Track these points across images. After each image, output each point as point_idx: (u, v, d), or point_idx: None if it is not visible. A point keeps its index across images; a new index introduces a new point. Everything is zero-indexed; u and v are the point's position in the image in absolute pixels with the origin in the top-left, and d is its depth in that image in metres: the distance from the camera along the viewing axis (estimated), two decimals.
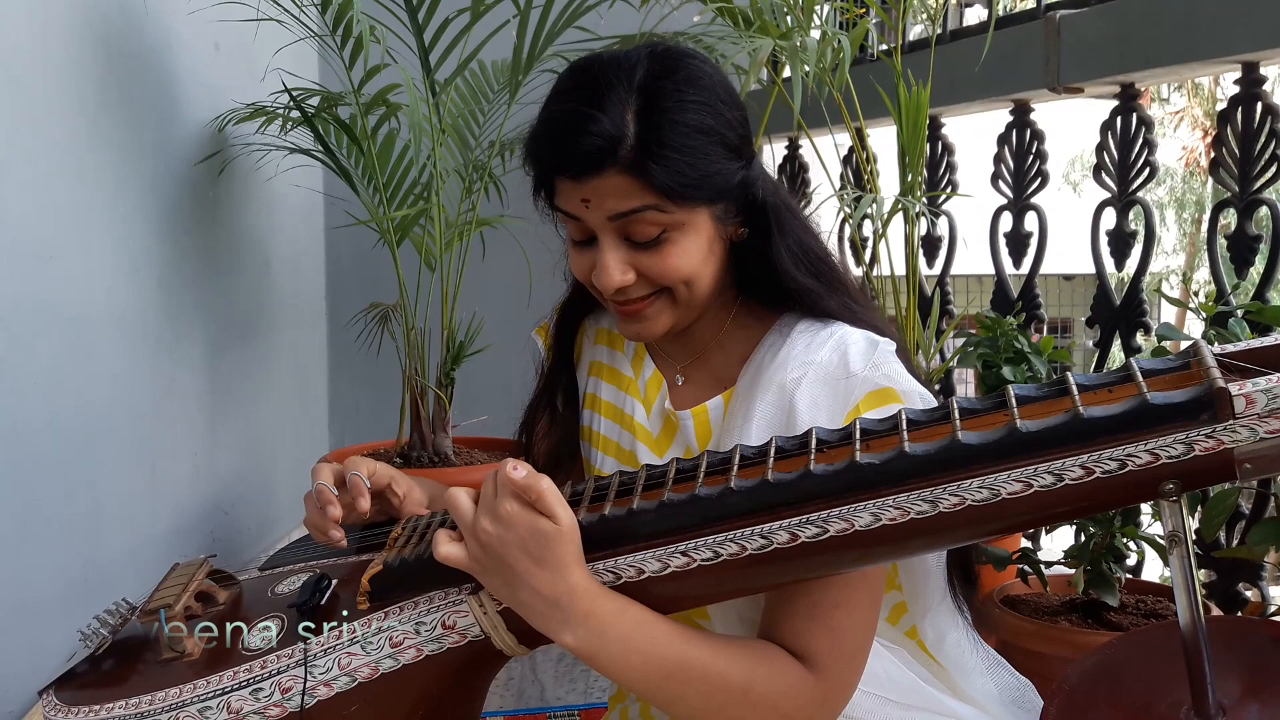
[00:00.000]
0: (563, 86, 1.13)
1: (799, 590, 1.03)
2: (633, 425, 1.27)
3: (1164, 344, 1.67)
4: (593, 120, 1.06)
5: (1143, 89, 2.08)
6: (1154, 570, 2.17)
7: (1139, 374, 0.88)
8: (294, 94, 2.37)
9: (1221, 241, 1.97)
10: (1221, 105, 1.91)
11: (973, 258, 2.46)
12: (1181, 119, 11.18)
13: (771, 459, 0.96)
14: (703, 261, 1.13)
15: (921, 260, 2.50)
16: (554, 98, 1.13)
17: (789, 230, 1.17)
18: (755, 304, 1.22)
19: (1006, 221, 2.42)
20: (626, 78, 1.08)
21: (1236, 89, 1.91)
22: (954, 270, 2.60)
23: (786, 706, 1.01)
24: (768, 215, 1.15)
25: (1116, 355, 2.17)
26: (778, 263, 1.16)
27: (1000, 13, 2.29)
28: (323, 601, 1.10)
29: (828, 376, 1.11)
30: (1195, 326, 1.67)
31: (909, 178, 2.22)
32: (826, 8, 2.44)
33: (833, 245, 2.84)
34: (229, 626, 1.13)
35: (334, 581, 1.13)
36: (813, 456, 0.93)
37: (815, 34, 2.27)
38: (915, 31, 2.63)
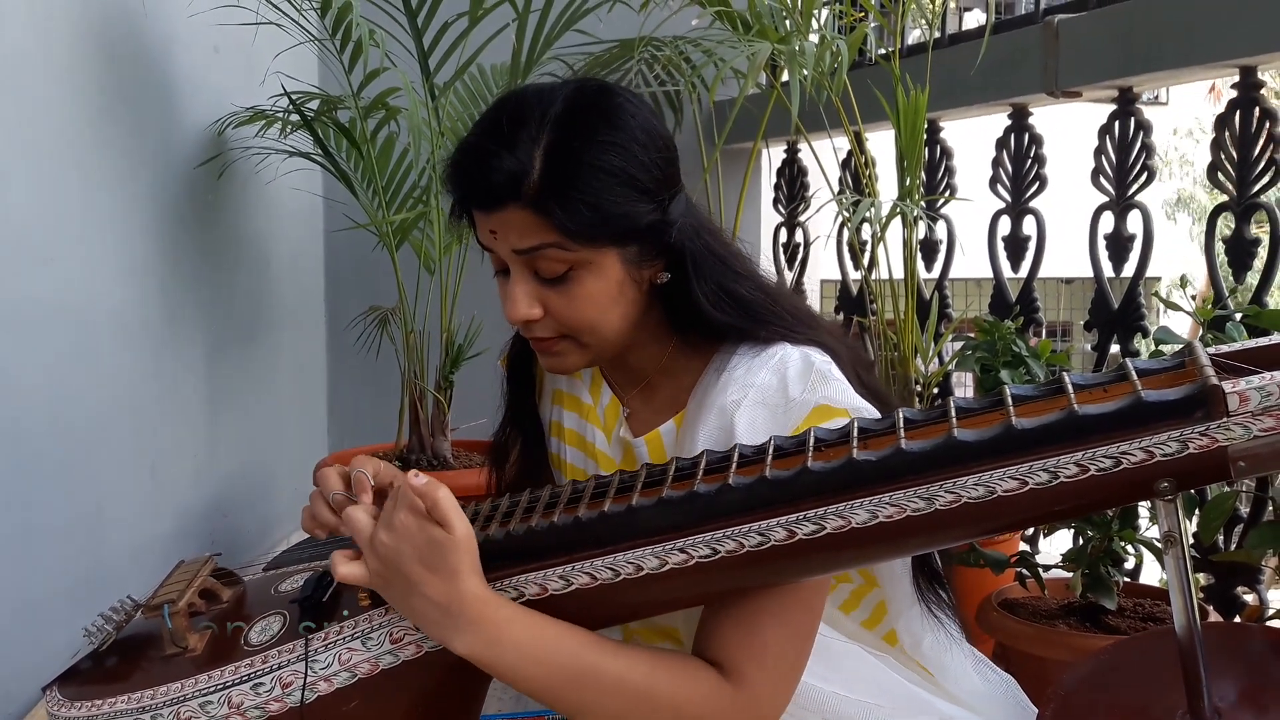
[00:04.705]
0: (482, 117, 1.13)
1: (730, 600, 1.03)
2: (595, 452, 1.28)
3: (1161, 347, 1.68)
4: (497, 155, 1.06)
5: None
6: (1152, 574, 2.18)
7: (1133, 373, 0.89)
8: (294, 97, 2.38)
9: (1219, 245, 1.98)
10: None
11: (971, 261, 2.46)
12: None
13: (770, 457, 0.96)
14: (610, 305, 1.12)
15: (920, 264, 2.51)
16: (473, 128, 1.14)
17: (706, 275, 1.15)
18: (694, 335, 1.21)
19: (1005, 225, 2.42)
20: (541, 113, 1.08)
21: (1234, 93, 1.92)
22: (952, 274, 2.60)
23: (693, 712, 1.01)
24: (685, 259, 1.14)
25: (1116, 359, 2.18)
26: (698, 305, 1.15)
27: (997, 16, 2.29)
28: (325, 598, 1.10)
29: (766, 400, 1.11)
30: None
31: (907, 181, 2.23)
32: (825, 12, 2.44)
33: (830, 250, 2.88)
34: (229, 625, 1.13)
35: (336, 579, 1.14)
36: (810, 454, 0.93)
37: (814, 38, 2.28)
38: (913, 35, 2.64)
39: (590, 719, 1.03)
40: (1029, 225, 2.39)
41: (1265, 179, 1.87)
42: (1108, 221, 2.18)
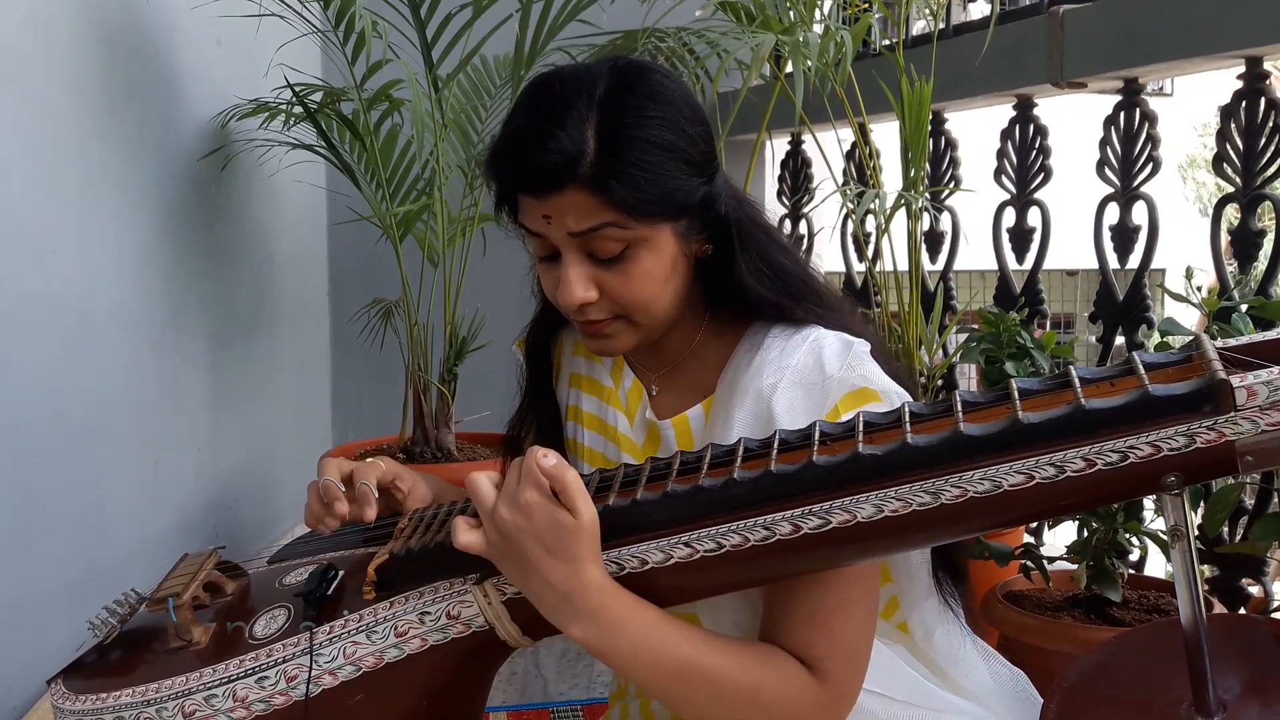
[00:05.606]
0: (524, 102, 1.12)
1: (796, 595, 1.03)
2: (616, 436, 1.27)
3: (1167, 339, 1.67)
4: (552, 137, 1.05)
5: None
6: (1157, 566, 2.17)
7: (1140, 367, 0.88)
8: (297, 89, 2.37)
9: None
10: None
11: (976, 253, 2.46)
12: None
13: (775, 451, 0.96)
14: (665, 281, 1.12)
15: (924, 255, 2.50)
16: (515, 113, 1.13)
17: (751, 245, 1.16)
18: (726, 315, 1.21)
19: (1009, 217, 2.42)
20: (587, 94, 1.07)
21: (1239, 84, 1.91)
22: (957, 265, 2.60)
23: (793, 710, 1.01)
24: (730, 231, 1.15)
25: (1121, 351, 2.17)
26: (740, 278, 1.15)
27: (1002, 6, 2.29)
28: (329, 591, 1.10)
29: (803, 380, 1.10)
30: None
31: (912, 173, 2.22)
32: (829, 3, 2.44)
33: (835, 242, 2.87)
34: (230, 626, 1.13)
35: (341, 572, 1.14)
36: (815, 448, 0.93)
37: (818, 29, 2.27)
38: (918, 26, 2.64)
39: (693, 711, 1.03)
40: (1034, 217, 2.38)
41: (1271, 170, 1.86)
42: (1113, 213, 2.18)
